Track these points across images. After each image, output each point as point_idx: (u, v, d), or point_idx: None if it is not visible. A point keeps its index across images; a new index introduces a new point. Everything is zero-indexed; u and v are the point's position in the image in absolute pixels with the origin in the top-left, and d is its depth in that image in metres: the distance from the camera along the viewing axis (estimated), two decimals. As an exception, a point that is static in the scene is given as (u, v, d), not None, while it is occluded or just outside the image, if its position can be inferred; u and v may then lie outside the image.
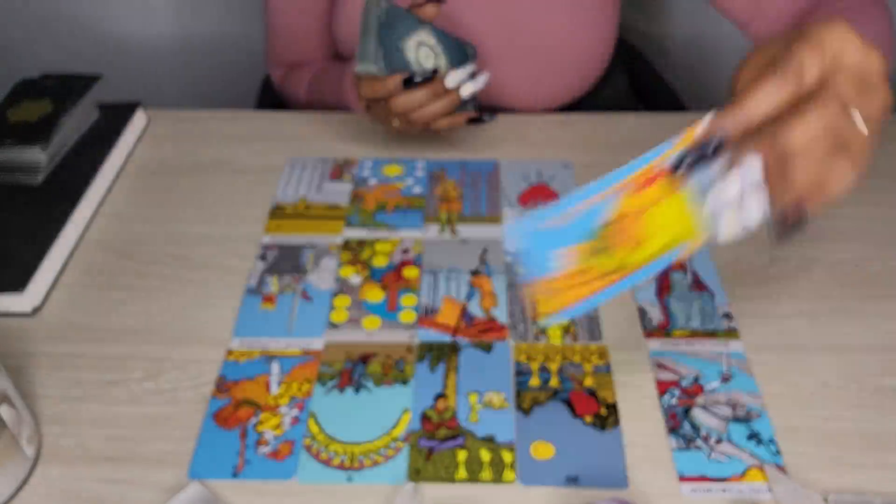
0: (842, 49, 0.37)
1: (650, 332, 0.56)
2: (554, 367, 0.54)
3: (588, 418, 0.50)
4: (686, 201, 0.40)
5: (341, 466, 0.48)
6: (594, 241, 0.41)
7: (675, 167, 0.39)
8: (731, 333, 0.56)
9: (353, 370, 0.54)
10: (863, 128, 0.37)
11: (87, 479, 0.47)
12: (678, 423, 0.50)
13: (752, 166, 0.37)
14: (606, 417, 0.50)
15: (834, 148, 0.37)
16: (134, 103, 0.78)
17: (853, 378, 0.53)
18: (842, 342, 0.55)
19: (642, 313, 0.58)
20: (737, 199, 0.38)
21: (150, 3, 1.28)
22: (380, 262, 0.63)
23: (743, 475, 0.47)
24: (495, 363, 0.54)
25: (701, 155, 0.38)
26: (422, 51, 0.64)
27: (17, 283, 0.57)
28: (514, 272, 0.61)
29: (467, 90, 0.65)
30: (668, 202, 0.40)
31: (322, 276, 0.61)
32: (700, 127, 0.39)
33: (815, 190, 0.38)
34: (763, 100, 0.37)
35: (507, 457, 0.48)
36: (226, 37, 1.33)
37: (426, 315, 0.58)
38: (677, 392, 0.52)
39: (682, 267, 0.62)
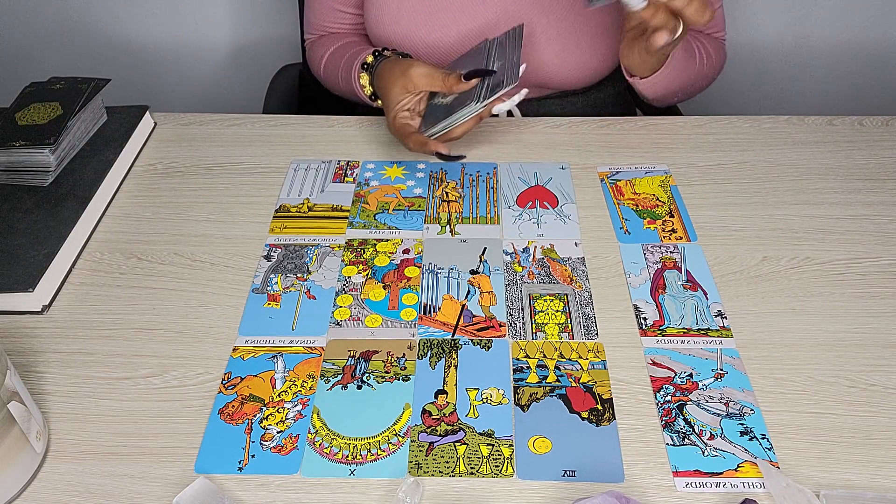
0: None
1: (645, 329, 0.57)
2: (551, 363, 0.55)
3: (584, 414, 0.51)
4: None
5: (344, 461, 0.49)
6: None
7: None
8: (725, 331, 0.57)
9: (355, 367, 0.55)
10: None
11: (95, 474, 0.48)
12: (673, 419, 0.51)
13: None
14: (602, 413, 0.51)
15: None
16: (142, 107, 0.79)
17: (844, 375, 0.54)
18: (833, 340, 0.56)
19: (637, 311, 0.59)
20: None
21: (158, 8, 1.29)
22: (381, 261, 0.64)
23: (736, 470, 0.48)
24: (494, 360, 0.55)
25: None
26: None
27: (26, 282, 0.59)
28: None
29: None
30: None
31: (325, 276, 0.63)
32: None
33: None
34: None
35: (505, 451, 0.49)
36: (232, 42, 1.34)
37: (426, 313, 0.59)
38: (672, 389, 0.53)
39: (676, 266, 0.63)
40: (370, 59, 0.76)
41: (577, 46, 0.79)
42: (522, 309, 0.59)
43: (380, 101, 0.77)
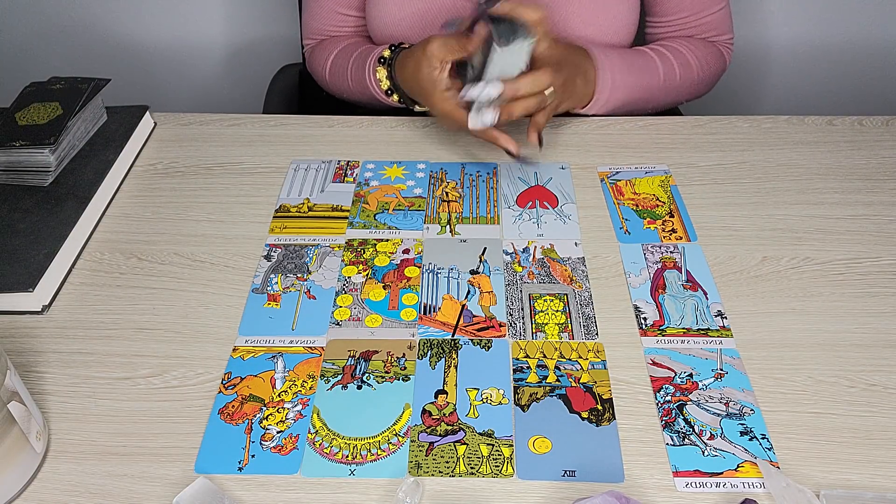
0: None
1: (645, 329, 0.57)
2: (551, 363, 0.55)
3: (584, 414, 0.51)
4: None
5: (344, 461, 0.49)
6: None
7: None
8: (725, 331, 0.57)
9: (355, 367, 0.55)
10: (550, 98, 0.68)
11: (95, 474, 0.48)
12: (673, 419, 0.51)
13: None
14: (602, 413, 0.51)
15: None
16: (142, 106, 0.79)
17: (844, 375, 0.54)
18: (833, 339, 0.56)
19: (637, 312, 0.59)
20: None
21: (158, 8, 1.29)
22: (381, 261, 0.64)
23: (736, 470, 0.48)
24: (494, 360, 0.55)
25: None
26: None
27: (26, 282, 0.59)
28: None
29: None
30: None
31: (325, 276, 0.63)
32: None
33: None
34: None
35: (505, 451, 0.49)
36: (232, 41, 1.34)
37: (426, 313, 0.59)
38: (672, 389, 0.53)
39: (676, 266, 0.63)
40: (387, 52, 0.76)
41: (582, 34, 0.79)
42: (522, 309, 0.59)
43: (395, 97, 0.77)
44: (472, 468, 0.48)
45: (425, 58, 0.69)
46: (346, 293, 0.61)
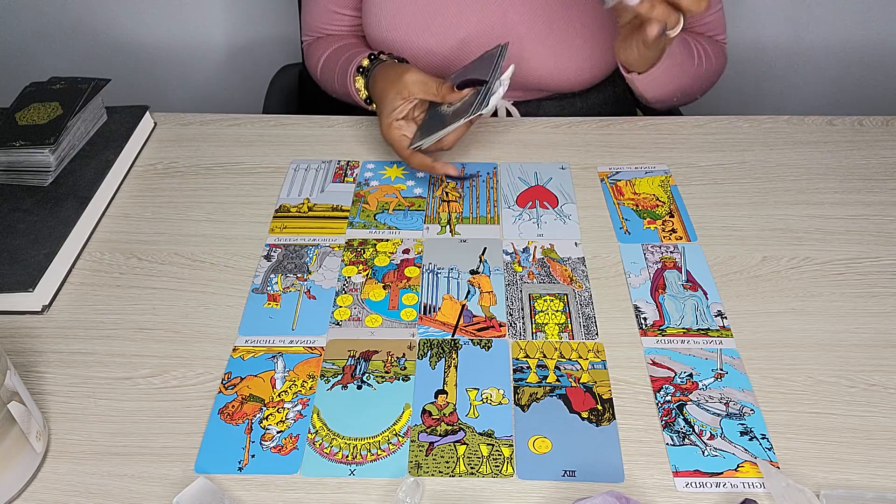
0: None
1: (645, 330, 0.57)
2: (551, 363, 0.55)
3: (584, 414, 0.51)
4: None
5: (344, 461, 0.49)
6: None
7: None
8: (725, 331, 0.57)
9: (355, 367, 0.55)
10: None
11: (95, 474, 0.48)
12: (673, 419, 0.51)
13: None
14: (602, 413, 0.51)
15: None
16: (142, 106, 0.79)
17: (844, 375, 0.54)
18: (833, 340, 0.56)
19: (637, 312, 0.59)
20: None
21: (158, 8, 1.29)
22: (381, 261, 0.64)
23: (736, 470, 0.48)
24: (494, 360, 0.55)
25: None
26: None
27: (26, 282, 0.59)
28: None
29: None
30: None
31: (325, 276, 0.63)
32: None
33: None
34: None
35: (505, 451, 0.49)
36: (232, 42, 1.34)
37: (426, 313, 0.59)
38: (672, 389, 0.53)
39: (676, 266, 0.63)
40: (366, 62, 0.76)
41: (575, 50, 0.79)
42: (522, 309, 0.59)
43: (374, 106, 0.77)
44: (472, 468, 0.48)
45: (396, 85, 0.70)
46: (346, 293, 0.61)
